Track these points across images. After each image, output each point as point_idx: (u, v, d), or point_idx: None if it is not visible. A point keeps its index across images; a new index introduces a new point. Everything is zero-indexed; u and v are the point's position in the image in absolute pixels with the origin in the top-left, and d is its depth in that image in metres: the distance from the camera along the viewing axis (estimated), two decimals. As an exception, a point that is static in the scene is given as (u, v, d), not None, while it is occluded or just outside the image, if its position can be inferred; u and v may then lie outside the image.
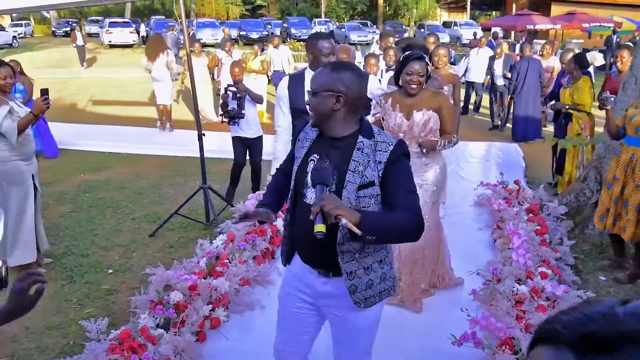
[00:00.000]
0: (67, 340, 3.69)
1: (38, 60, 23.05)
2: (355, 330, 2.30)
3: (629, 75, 5.24)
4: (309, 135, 2.29)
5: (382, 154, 2.10)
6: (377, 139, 2.14)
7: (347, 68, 2.18)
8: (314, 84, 2.17)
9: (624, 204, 4.29)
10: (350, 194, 2.07)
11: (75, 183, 7.38)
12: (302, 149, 2.26)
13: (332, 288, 2.22)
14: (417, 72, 3.70)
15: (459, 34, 30.28)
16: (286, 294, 2.40)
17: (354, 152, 2.11)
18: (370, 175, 2.09)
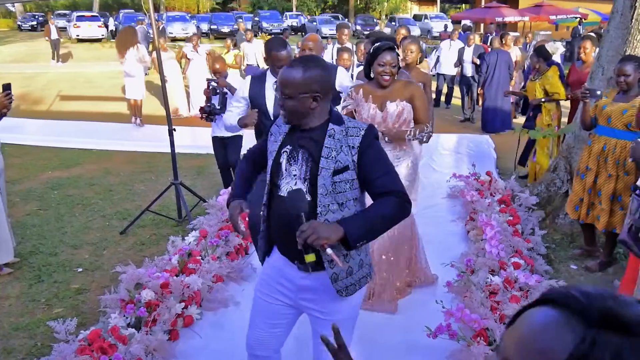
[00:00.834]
0: (34, 341, 3.59)
1: (3, 54, 22.51)
2: (337, 321, 2.26)
3: (597, 65, 5.31)
4: (282, 129, 2.28)
5: (354, 139, 2.15)
6: (347, 124, 2.19)
7: (316, 64, 2.19)
8: (288, 88, 2.13)
9: (597, 194, 4.34)
10: (326, 180, 2.11)
11: (42, 180, 7.21)
12: (276, 143, 2.26)
13: (312, 281, 2.24)
14: (389, 63, 3.66)
15: (429, 27, 30.47)
16: (264, 286, 2.38)
17: (326, 139, 2.15)
18: (344, 160, 2.12)
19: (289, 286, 2.30)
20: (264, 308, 2.37)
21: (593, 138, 4.37)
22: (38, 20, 34.86)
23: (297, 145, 2.18)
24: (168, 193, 5.76)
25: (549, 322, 0.67)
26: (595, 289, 0.69)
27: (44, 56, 21.43)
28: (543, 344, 0.66)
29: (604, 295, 0.67)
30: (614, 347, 0.61)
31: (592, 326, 0.63)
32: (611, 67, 4.85)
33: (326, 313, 2.27)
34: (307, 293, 2.27)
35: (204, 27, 29.53)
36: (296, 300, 2.32)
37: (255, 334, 2.42)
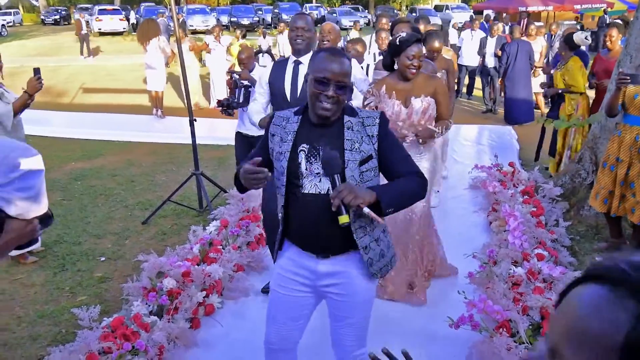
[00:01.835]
0: (59, 328, 3.64)
1: (27, 48, 22.79)
2: (357, 304, 2.32)
3: (624, 53, 5.20)
4: (288, 127, 2.24)
5: (372, 128, 2.20)
6: (361, 115, 2.23)
7: (346, 55, 2.25)
8: (347, 76, 2.16)
9: (629, 186, 4.23)
10: (354, 171, 2.14)
11: (66, 171, 7.30)
12: (286, 143, 2.21)
13: (333, 266, 2.25)
14: (417, 56, 3.58)
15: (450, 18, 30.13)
16: (281, 280, 2.35)
17: (345, 132, 2.18)
18: (367, 150, 2.17)
19: (307, 275, 2.29)
20: (284, 302, 2.36)
21: (624, 128, 4.24)
22: (61, 15, 35.25)
23: (315, 142, 2.17)
24: (189, 183, 5.78)
25: (598, 302, 0.61)
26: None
27: (67, 50, 21.67)
28: (595, 329, 0.60)
29: None
30: None
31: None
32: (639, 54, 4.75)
33: (346, 295, 2.28)
34: (327, 279, 2.27)
35: (224, 19, 29.56)
36: (316, 287, 2.32)
37: (278, 330, 2.40)
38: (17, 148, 1.79)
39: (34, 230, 1.80)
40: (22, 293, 4.14)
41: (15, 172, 1.72)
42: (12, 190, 1.71)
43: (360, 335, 2.40)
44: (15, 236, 1.75)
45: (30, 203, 1.76)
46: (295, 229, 2.26)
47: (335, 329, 2.41)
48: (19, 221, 1.75)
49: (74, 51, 20.95)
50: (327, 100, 2.12)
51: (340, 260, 2.24)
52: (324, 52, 2.20)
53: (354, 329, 2.37)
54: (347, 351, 2.40)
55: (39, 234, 1.87)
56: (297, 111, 2.29)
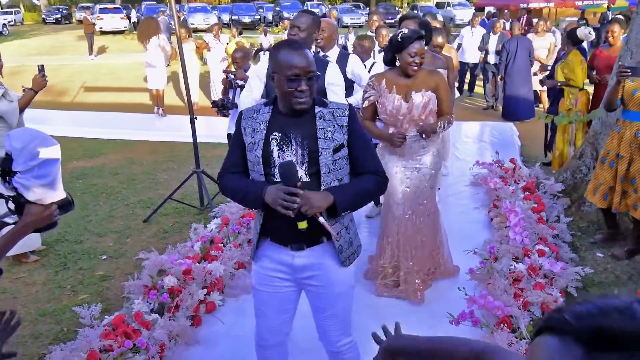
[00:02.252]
0: (60, 326, 3.66)
1: (29, 47, 22.78)
2: (335, 295, 2.37)
3: (625, 49, 5.18)
4: (260, 118, 2.27)
5: (341, 119, 2.26)
6: (331, 106, 2.29)
7: (306, 44, 2.38)
8: (313, 66, 2.19)
9: (630, 181, 4.21)
10: (327, 159, 2.21)
11: (67, 170, 7.30)
12: (258, 133, 2.25)
13: (308, 258, 2.30)
14: (420, 53, 3.56)
15: (452, 15, 30.09)
16: (261, 278, 2.39)
17: (317, 122, 2.23)
18: (339, 139, 2.24)
19: (286, 270, 2.34)
20: (269, 298, 2.40)
21: (623, 124, 4.23)
22: (62, 13, 35.27)
23: (288, 131, 2.21)
24: (190, 182, 5.79)
25: (550, 351, 0.66)
26: (588, 304, 0.67)
27: (68, 49, 21.67)
28: None
29: (594, 311, 0.65)
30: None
31: (589, 349, 0.62)
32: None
33: (324, 287, 2.34)
34: (305, 271, 2.32)
35: (225, 17, 29.57)
36: (296, 280, 2.36)
37: (267, 324, 2.45)
38: (37, 137, 1.92)
39: (51, 215, 1.93)
40: (23, 292, 4.15)
41: (35, 160, 1.86)
42: (31, 178, 1.86)
43: (344, 325, 2.46)
44: (34, 220, 1.90)
45: (47, 189, 1.90)
46: (270, 221, 2.28)
47: (318, 321, 2.47)
48: (38, 206, 1.89)
49: (76, 50, 20.95)
50: (301, 95, 2.17)
51: (314, 252, 2.29)
52: (285, 49, 2.21)
53: (336, 320, 2.43)
54: (332, 342, 2.47)
55: (57, 218, 1.98)
56: (267, 102, 2.32)
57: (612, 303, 0.65)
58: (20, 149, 1.87)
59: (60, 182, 1.95)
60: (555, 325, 0.67)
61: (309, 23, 3.63)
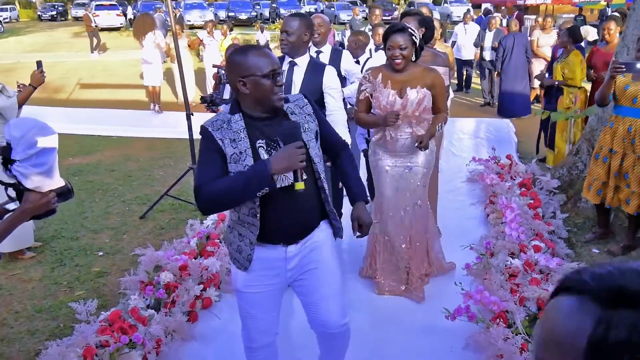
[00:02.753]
0: (57, 323, 3.65)
1: (24, 44, 22.73)
2: (330, 269, 2.42)
3: (621, 45, 5.19)
4: (234, 127, 2.17)
5: (307, 108, 2.32)
6: (291, 99, 2.33)
7: None
8: (278, 63, 2.21)
9: (623, 177, 4.23)
10: (315, 150, 2.28)
11: (63, 166, 7.16)
12: (241, 141, 2.16)
13: (298, 249, 2.32)
14: (397, 45, 3.47)
15: (449, 12, 30.07)
16: (251, 281, 2.32)
17: (291, 117, 2.25)
18: (313, 127, 2.30)
19: (278, 265, 2.33)
20: (258, 299, 2.37)
21: (616, 120, 4.24)
22: (58, 10, 35.14)
23: (271, 135, 2.19)
24: (187, 178, 5.78)
25: (566, 311, 0.66)
26: (608, 266, 0.67)
27: (64, 46, 21.60)
28: (563, 334, 0.65)
29: (613, 271, 0.66)
30: (629, 323, 0.60)
31: (606, 307, 0.62)
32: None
33: (319, 262, 2.37)
34: (296, 258, 2.33)
35: (222, 14, 29.50)
36: (287, 272, 2.36)
37: (256, 326, 2.42)
38: (35, 126, 1.96)
39: (48, 202, 1.99)
40: (20, 288, 4.14)
41: (33, 149, 1.90)
42: (29, 166, 1.91)
43: (340, 303, 2.47)
44: (32, 207, 1.96)
45: (44, 178, 1.95)
46: (270, 228, 2.22)
47: (312, 306, 2.44)
48: (36, 193, 1.95)
49: (72, 47, 20.90)
50: (280, 91, 2.18)
51: (305, 241, 2.34)
52: (249, 51, 2.18)
53: (336, 299, 2.44)
54: (334, 324, 2.44)
55: (55, 205, 2.05)
56: (232, 111, 2.23)
57: (631, 266, 0.66)
58: (19, 137, 1.89)
59: (57, 171, 2.00)
60: (573, 285, 0.68)
61: (297, 26, 3.55)
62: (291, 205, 2.21)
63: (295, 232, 2.29)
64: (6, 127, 1.95)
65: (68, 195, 2.09)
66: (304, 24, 3.58)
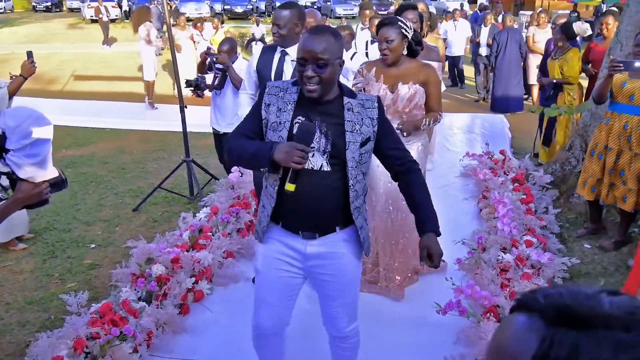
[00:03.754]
0: (48, 314, 3.64)
1: (18, 35, 22.59)
2: (346, 284, 2.36)
3: (615, 41, 5.20)
4: (287, 98, 2.19)
5: (372, 111, 2.20)
6: (360, 97, 2.22)
7: (331, 31, 2.19)
8: (326, 53, 2.06)
9: (619, 174, 4.23)
10: (354, 153, 2.16)
11: (56, 158, 7.12)
12: (285, 112, 2.17)
13: (320, 248, 2.26)
14: (384, 39, 3.46)
15: (445, 7, 30.01)
16: (270, 261, 2.32)
17: (345, 113, 2.16)
18: (366, 132, 2.18)
19: (296, 256, 2.29)
20: (275, 283, 2.35)
21: (612, 116, 4.23)
22: (52, 1, 34.90)
23: (313, 117, 2.14)
24: (180, 171, 5.77)
25: (515, 327, 0.68)
26: (562, 288, 0.69)
27: (59, 37, 21.49)
28: (510, 350, 0.67)
29: (564, 293, 0.68)
30: (570, 342, 0.62)
31: (551, 325, 0.64)
32: (630, 42, 4.75)
33: (336, 276, 2.31)
34: (316, 259, 2.28)
35: (218, 7, 29.36)
36: (306, 268, 2.33)
37: (268, 312, 2.40)
38: (31, 116, 1.96)
39: (41, 193, 2.00)
40: (11, 280, 4.13)
41: (27, 139, 1.91)
42: (22, 156, 1.91)
43: (352, 312, 2.47)
44: (24, 197, 1.97)
45: (38, 168, 1.96)
46: (285, 207, 2.21)
47: (327, 308, 2.44)
48: (29, 184, 1.96)
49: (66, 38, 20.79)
50: (308, 82, 2.07)
51: (327, 240, 2.25)
52: (308, 32, 2.16)
53: (345, 308, 2.42)
54: (341, 328, 2.46)
55: (48, 196, 2.05)
56: (295, 82, 2.22)
57: (582, 289, 0.68)
58: (14, 127, 1.89)
59: (51, 162, 1.99)
60: (525, 303, 0.70)
61: (289, 17, 3.50)
62: (311, 195, 2.14)
63: (309, 224, 2.22)
64: (1, 116, 1.94)
65: (62, 185, 2.09)
66: (294, 15, 3.53)
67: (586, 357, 0.61)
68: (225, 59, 4.98)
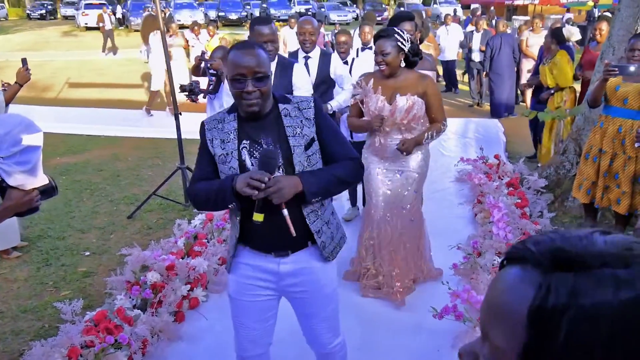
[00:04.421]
0: (42, 323, 3.62)
1: (12, 43, 22.56)
2: (324, 297, 2.31)
3: (607, 45, 5.22)
4: (226, 127, 2.16)
5: (308, 112, 2.18)
6: (294, 100, 2.21)
7: (257, 44, 2.18)
8: (261, 65, 2.06)
9: (613, 177, 4.23)
10: (301, 157, 2.13)
11: (51, 166, 7.22)
12: (230, 142, 2.14)
13: (294, 264, 2.22)
14: (380, 51, 3.46)
15: (438, 12, 30.13)
16: (242, 287, 2.26)
17: (284, 119, 2.15)
18: (309, 133, 2.16)
19: (269, 278, 2.24)
20: (250, 308, 2.29)
21: (606, 120, 4.24)
22: (47, 9, 34.91)
23: (256, 136, 2.12)
24: (175, 178, 5.76)
25: (508, 281, 0.65)
26: (551, 233, 0.66)
27: (53, 45, 21.46)
28: (507, 304, 0.64)
29: (555, 237, 0.65)
30: (569, 285, 0.59)
31: (546, 272, 0.61)
32: (622, 46, 4.78)
33: (312, 291, 2.27)
34: (290, 278, 2.23)
35: (212, 14, 29.42)
36: (280, 288, 2.28)
37: (248, 335, 2.34)
38: (21, 123, 1.94)
39: (31, 200, 1.99)
40: (5, 288, 4.11)
41: (17, 146, 1.89)
42: (12, 164, 1.90)
43: (334, 326, 2.41)
44: (14, 204, 1.96)
45: (28, 176, 1.95)
46: (251, 231, 2.15)
47: (307, 327, 2.39)
48: (19, 191, 1.95)
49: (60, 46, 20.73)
50: (249, 97, 2.06)
51: (299, 256, 2.21)
52: (234, 49, 2.13)
53: (326, 323, 2.36)
54: (324, 344, 2.40)
55: (39, 203, 2.04)
56: (230, 109, 2.21)
57: (573, 232, 0.65)
58: (3, 134, 1.87)
59: (41, 169, 1.98)
60: (516, 253, 0.66)
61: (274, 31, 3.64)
62: (270, 214, 2.06)
63: (276, 243, 2.17)
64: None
65: (52, 192, 2.08)
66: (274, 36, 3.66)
67: (586, 300, 0.58)
68: (220, 64, 5.05)
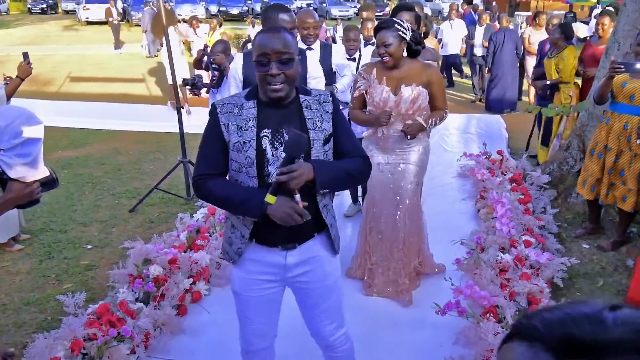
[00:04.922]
0: (44, 315, 3.62)
1: (13, 37, 22.51)
2: (328, 286, 2.29)
3: (612, 40, 5.20)
4: (247, 113, 2.07)
5: (327, 105, 2.14)
6: (314, 93, 2.16)
7: (283, 28, 2.14)
8: (288, 47, 1.99)
9: (618, 174, 4.21)
10: (319, 151, 2.09)
11: (52, 159, 7.20)
12: (248, 130, 2.05)
13: (301, 255, 2.19)
14: (381, 43, 3.41)
15: (440, 8, 30.07)
16: (247, 283, 2.22)
17: (305, 111, 2.10)
18: (328, 128, 2.12)
19: (276, 271, 2.20)
20: (255, 302, 2.26)
21: (612, 116, 4.21)
22: (48, 3, 34.83)
23: (279, 126, 2.05)
24: (177, 172, 5.74)
25: (520, 358, 0.65)
26: (558, 311, 0.66)
27: (54, 39, 21.41)
28: None
29: (564, 318, 0.64)
30: None
31: (559, 356, 0.61)
32: (627, 41, 4.76)
33: (318, 281, 2.25)
34: (296, 269, 2.20)
35: (213, 8, 29.33)
36: (287, 280, 2.25)
37: (253, 329, 2.32)
38: (22, 116, 1.94)
39: (32, 193, 1.99)
40: (7, 280, 4.10)
41: (18, 138, 1.89)
42: (13, 156, 1.90)
43: (338, 316, 2.38)
44: (15, 196, 1.95)
45: (28, 168, 1.94)
46: (261, 224, 2.08)
47: (310, 319, 2.36)
48: (19, 183, 1.95)
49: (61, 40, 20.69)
50: (273, 80, 1.99)
51: (307, 246, 2.18)
52: (261, 32, 2.08)
53: (330, 313, 2.33)
54: (327, 336, 2.37)
55: (39, 195, 2.04)
56: (248, 95, 2.12)
57: (582, 310, 0.65)
58: (4, 126, 1.87)
59: (42, 161, 1.97)
60: (525, 332, 0.66)
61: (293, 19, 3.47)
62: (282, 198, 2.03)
63: (288, 235, 2.11)
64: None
65: (53, 184, 2.07)
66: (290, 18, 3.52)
67: None
68: (222, 59, 5.10)
